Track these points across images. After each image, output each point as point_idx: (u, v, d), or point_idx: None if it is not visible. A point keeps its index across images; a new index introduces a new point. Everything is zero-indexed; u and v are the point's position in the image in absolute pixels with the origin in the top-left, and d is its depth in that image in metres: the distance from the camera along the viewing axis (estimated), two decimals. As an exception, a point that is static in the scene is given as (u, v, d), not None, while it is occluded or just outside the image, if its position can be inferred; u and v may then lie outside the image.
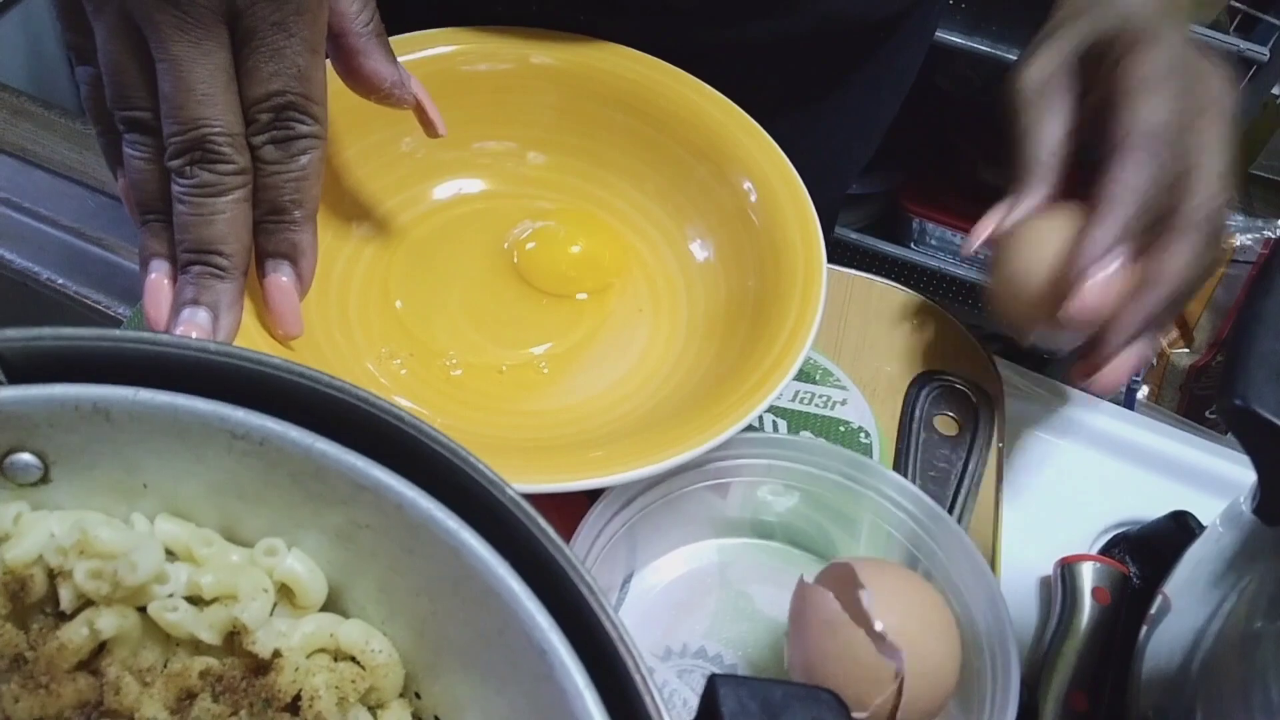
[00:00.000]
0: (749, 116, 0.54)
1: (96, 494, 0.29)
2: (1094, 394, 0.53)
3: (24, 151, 0.63)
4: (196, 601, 0.29)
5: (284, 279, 0.41)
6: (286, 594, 0.29)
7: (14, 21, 1.15)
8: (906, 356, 0.57)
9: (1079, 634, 0.46)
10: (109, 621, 0.28)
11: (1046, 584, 0.51)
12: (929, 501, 0.46)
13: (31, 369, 0.27)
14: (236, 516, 0.29)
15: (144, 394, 0.27)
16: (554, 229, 0.54)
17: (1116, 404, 0.61)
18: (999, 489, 0.53)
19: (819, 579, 0.42)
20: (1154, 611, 0.43)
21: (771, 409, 0.54)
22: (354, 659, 0.29)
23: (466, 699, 0.29)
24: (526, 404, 0.49)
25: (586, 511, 0.43)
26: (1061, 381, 0.60)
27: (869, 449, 0.54)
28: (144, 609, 0.28)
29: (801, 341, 0.46)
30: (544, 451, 0.45)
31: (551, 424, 0.48)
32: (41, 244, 0.60)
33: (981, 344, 0.58)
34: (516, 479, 0.36)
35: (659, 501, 0.46)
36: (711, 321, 0.51)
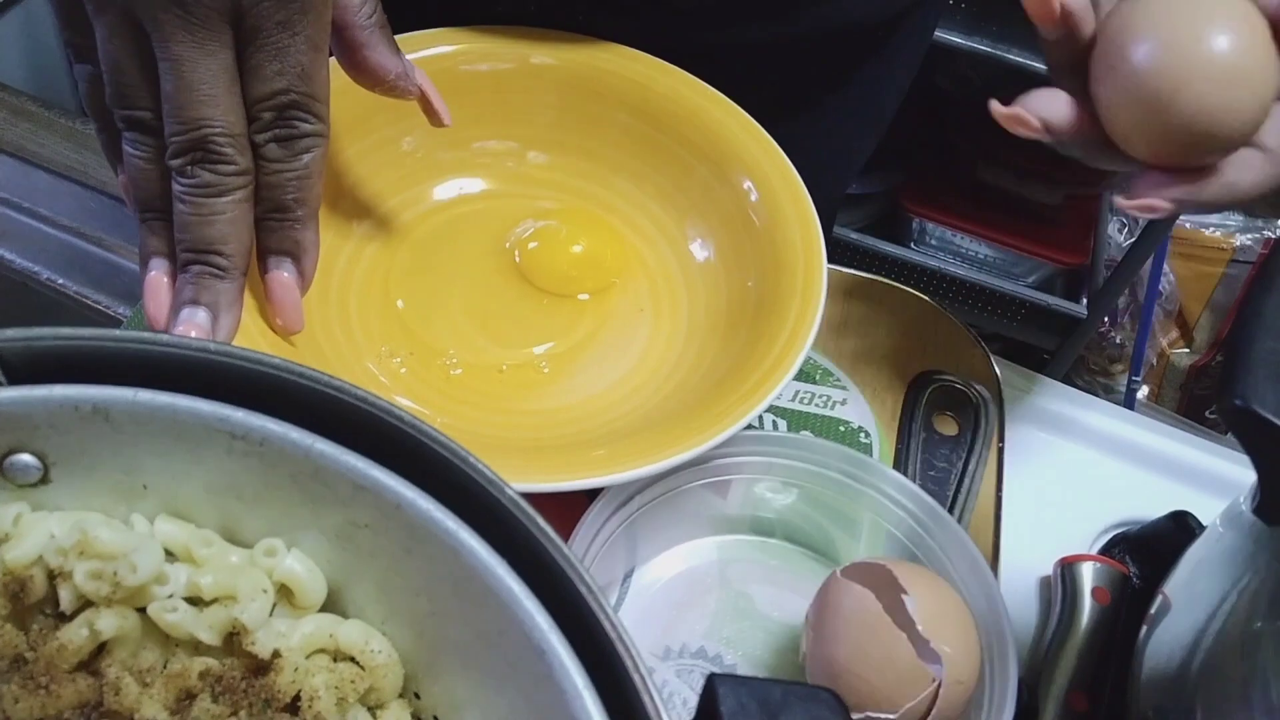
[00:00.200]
0: (749, 116, 0.54)
1: (96, 495, 0.29)
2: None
3: (24, 151, 0.63)
4: (196, 602, 0.29)
5: (286, 275, 0.41)
6: (286, 594, 0.29)
7: (14, 21, 1.15)
8: (906, 356, 0.57)
9: (1079, 634, 0.46)
10: (109, 622, 0.28)
11: (1046, 584, 0.51)
12: (929, 500, 0.46)
13: (31, 369, 0.27)
14: (236, 517, 0.29)
15: (144, 395, 0.27)
16: (555, 228, 0.54)
17: (1116, 404, 0.61)
18: (999, 489, 0.53)
19: (848, 574, 0.42)
20: (1154, 611, 0.43)
21: (771, 409, 0.55)
22: (353, 659, 0.29)
23: (466, 699, 0.29)
24: (526, 404, 0.49)
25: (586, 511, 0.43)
26: (1062, 381, 0.60)
27: (869, 449, 0.54)
28: (144, 610, 0.28)
29: (801, 341, 0.46)
30: (544, 451, 0.45)
31: (551, 424, 0.48)
32: (41, 244, 0.60)
33: (981, 344, 0.58)
34: (516, 479, 0.36)
35: (658, 499, 0.46)
36: (712, 321, 0.51)
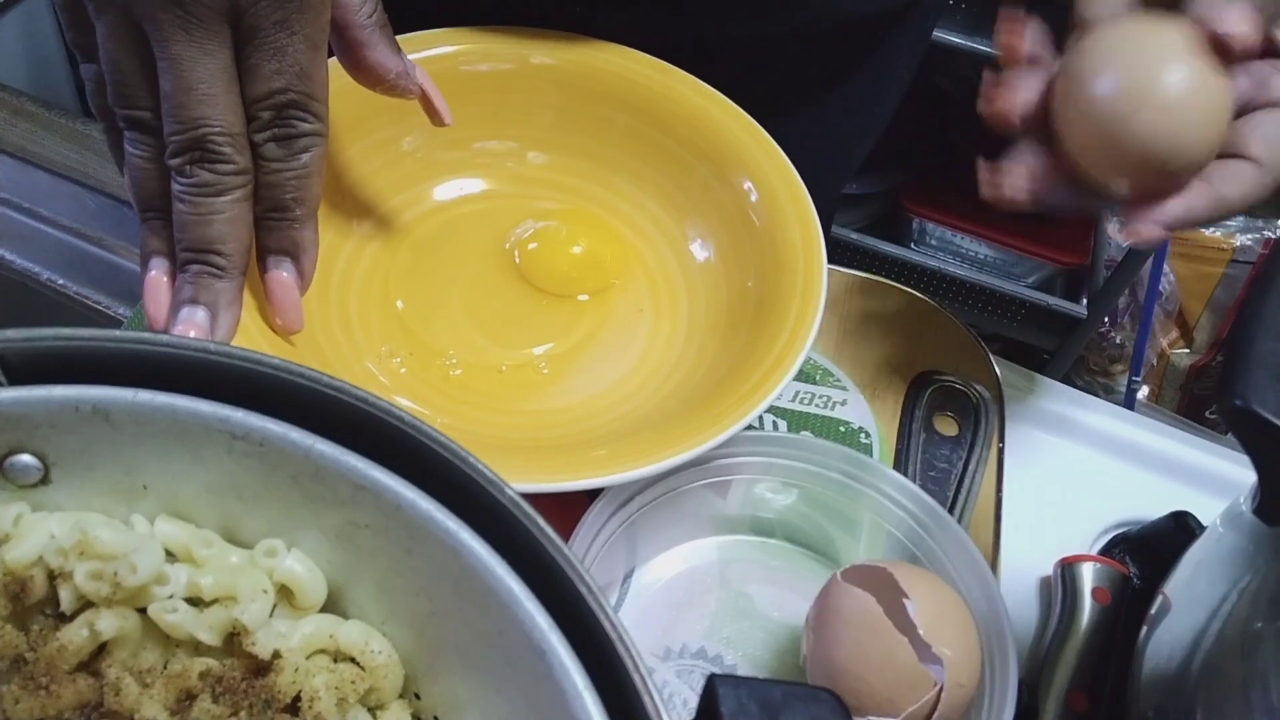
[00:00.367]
0: (750, 117, 0.54)
1: (96, 495, 0.29)
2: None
3: (24, 151, 0.63)
4: (196, 602, 0.29)
5: (285, 275, 0.41)
6: (286, 595, 0.29)
7: (14, 21, 1.15)
8: (906, 356, 0.57)
9: (1079, 634, 0.46)
10: (109, 623, 0.28)
11: (1046, 584, 0.51)
12: (929, 501, 0.46)
13: (31, 370, 0.27)
14: (236, 517, 0.29)
15: (144, 395, 0.27)
16: (555, 229, 0.54)
17: (1116, 404, 0.61)
18: (999, 489, 0.53)
19: (849, 577, 0.42)
20: (1154, 611, 0.43)
21: (771, 409, 0.54)
22: (354, 660, 0.29)
23: (466, 699, 0.29)
24: (526, 404, 0.49)
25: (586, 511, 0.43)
26: (1062, 381, 0.60)
27: (869, 449, 0.53)
28: (144, 610, 0.28)
29: (801, 341, 0.46)
30: (544, 452, 0.45)
31: (551, 424, 0.48)
32: (41, 244, 0.60)
33: (981, 344, 0.58)
34: (516, 479, 0.36)
35: (658, 499, 0.46)
36: (712, 321, 0.51)
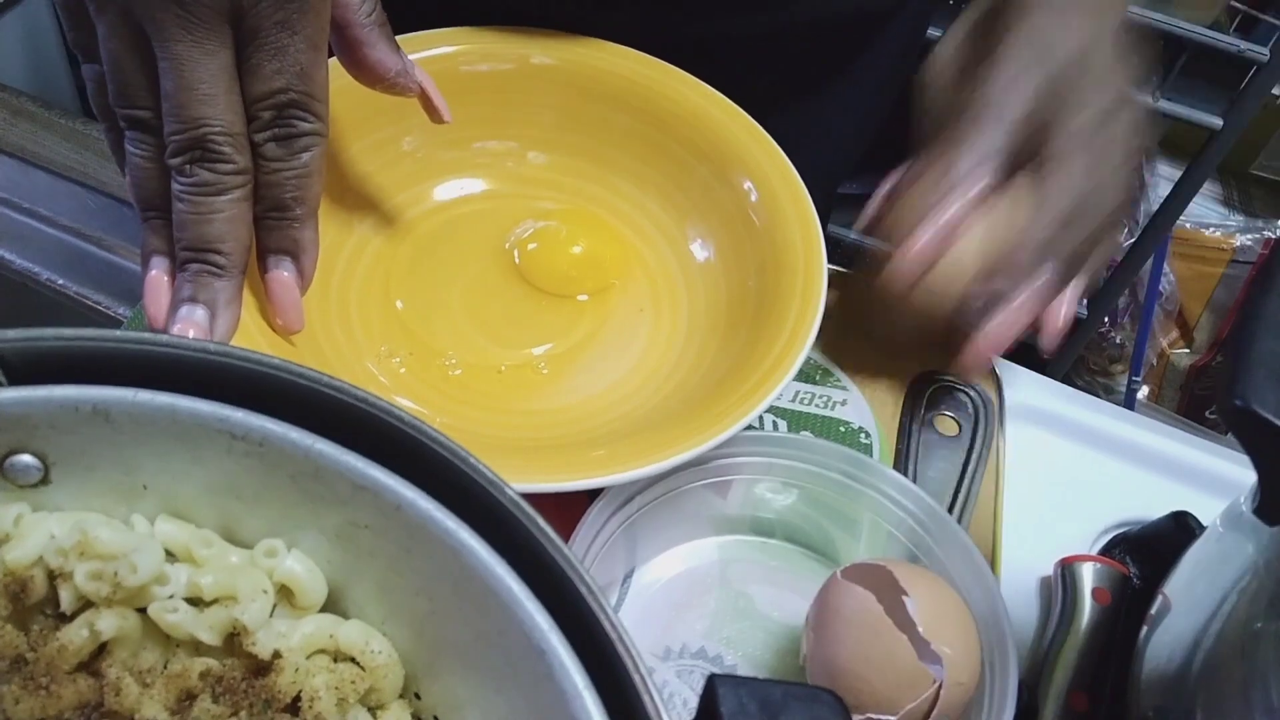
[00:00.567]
0: (749, 117, 0.54)
1: (96, 495, 0.29)
2: (984, 355, 0.50)
3: (24, 151, 0.63)
4: (196, 602, 0.29)
5: (285, 274, 0.41)
6: (286, 595, 0.29)
7: (14, 21, 1.15)
8: (906, 356, 0.57)
9: (1079, 634, 0.46)
10: (109, 623, 0.28)
11: (1046, 584, 0.51)
12: (929, 501, 0.46)
13: (31, 370, 0.27)
14: (236, 517, 0.29)
15: (143, 395, 0.27)
16: (556, 229, 0.54)
17: (1116, 404, 0.60)
18: (999, 489, 0.53)
19: (850, 579, 0.42)
20: (1154, 611, 0.43)
21: (772, 409, 0.54)
22: (354, 660, 0.29)
23: (466, 699, 0.29)
24: (526, 404, 0.49)
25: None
26: (1062, 381, 0.60)
27: (869, 449, 0.53)
28: (144, 610, 0.28)
29: (802, 341, 0.46)
30: (544, 452, 0.45)
31: (551, 424, 0.48)
32: (41, 244, 0.60)
33: (981, 344, 0.58)
34: (516, 479, 0.36)
35: (658, 499, 0.46)
36: (712, 321, 0.51)
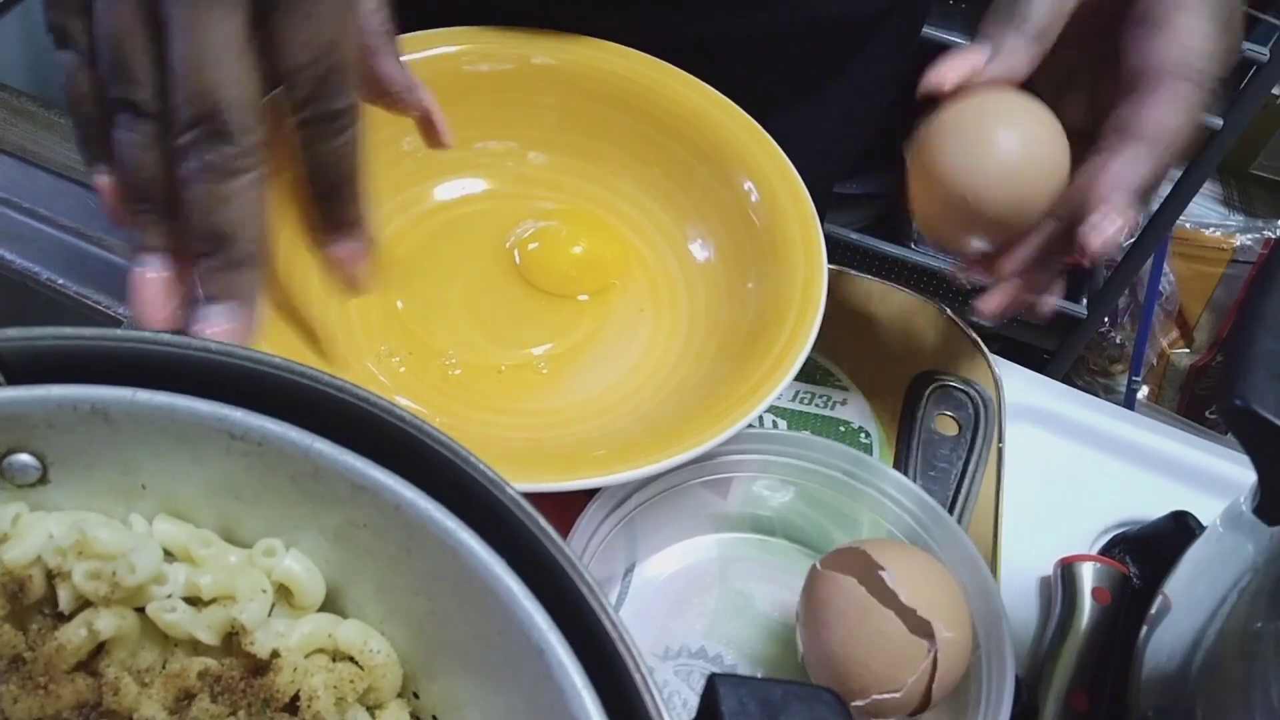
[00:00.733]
0: (750, 117, 0.54)
1: (95, 495, 0.29)
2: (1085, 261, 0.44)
3: (24, 151, 0.63)
4: (195, 602, 0.29)
5: (350, 245, 0.39)
6: (285, 594, 0.29)
7: (14, 21, 1.15)
8: (906, 356, 0.57)
9: (1079, 634, 0.46)
10: (107, 622, 0.28)
11: (1046, 584, 0.51)
12: (929, 500, 0.46)
13: (31, 369, 0.27)
14: (235, 517, 0.29)
15: (142, 395, 0.27)
16: (556, 229, 0.54)
17: (1116, 404, 0.60)
18: (999, 489, 0.53)
19: (829, 567, 0.42)
20: (1154, 611, 0.43)
21: (771, 409, 0.54)
22: (352, 659, 0.29)
23: (465, 699, 0.28)
24: (526, 404, 0.49)
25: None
26: (1062, 381, 0.60)
27: (869, 449, 0.53)
28: (142, 610, 0.28)
29: (802, 342, 0.46)
30: (543, 451, 0.45)
31: (551, 424, 0.48)
32: (41, 244, 0.59)
33: (981, 344, 0.58)
34: (516, 479, 0.36)
35: (657, 496, 0.46)
36: (712, 321, 0.51)
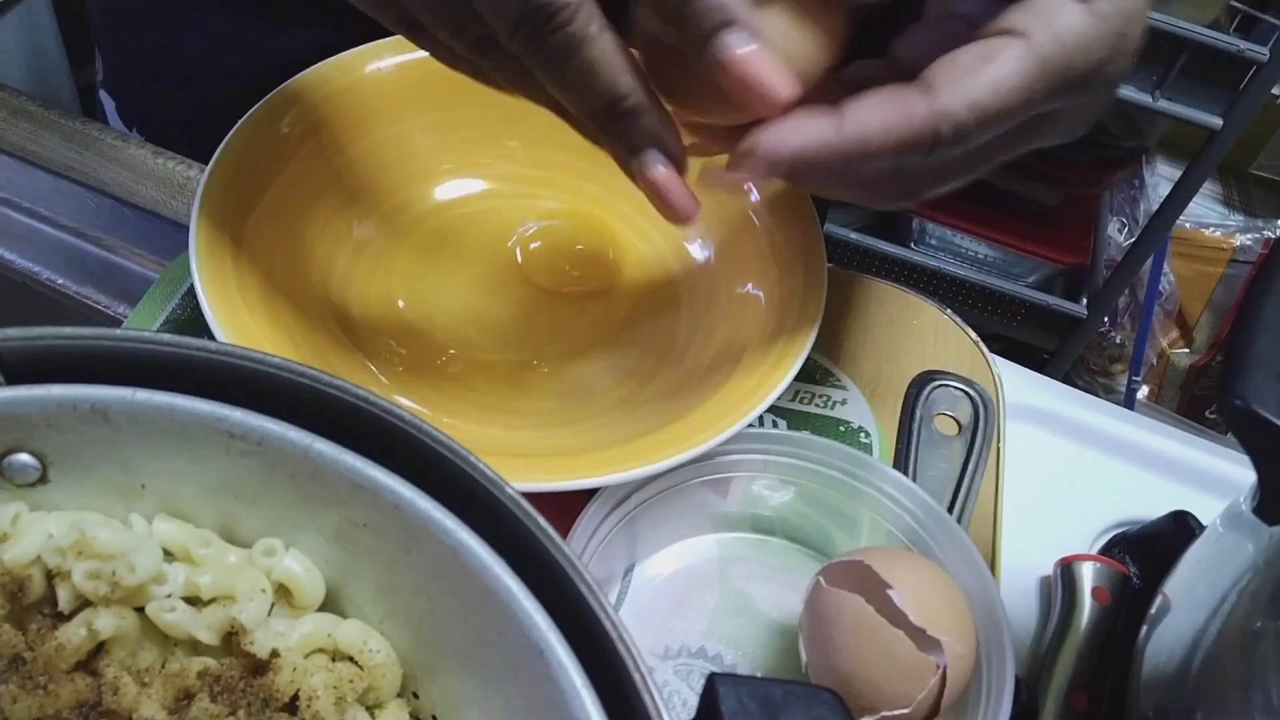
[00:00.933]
0: (749, 116, 0.53)
1: (95, 494, 0.29)
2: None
3: (24, 151, 0.63)
4: (194, 602, 0.29)
5: (660, 169, 0.37)
6: (284, 594, 0.29)
7: (14, 21, 1.15)
8: (906, 356, 0.57)
9: (1079, 634, 0.46)
10: (107, 622, 0.28)
11: (1046, 584, 0.51)
12: (929, 500, 0.46)
13: (31, 369, 0.27)
14: (234, 517, 0.29)
15: (142, 394, 0.27)
16: (558, 228, 0.54)
17: (1116, 404, 0.60)
18: (999, 489, 0.53)
19: (831, 579, 0.42)
20: (1154, 611, 0.43)
21: (771, 409, 0.54)
22: (352, 659, 0.29)
23: (464, 698, 0.28)
24: (526, 403, 0.49)
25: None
26: (1062, 381, 0.60)
27: (869, 449, 0.53)
28: (142, 609, 0.28)
29: (802, 341, 0.46)
30: (543, 451, 0.45)
31: (551, 424, 0.48)
32: (41, 244, 0.59)
33: (981, 344, 0.58)
34: (516, 478, 0.36)
35: (657, 496, 0.46)
36: (712, 322, 0.51)
